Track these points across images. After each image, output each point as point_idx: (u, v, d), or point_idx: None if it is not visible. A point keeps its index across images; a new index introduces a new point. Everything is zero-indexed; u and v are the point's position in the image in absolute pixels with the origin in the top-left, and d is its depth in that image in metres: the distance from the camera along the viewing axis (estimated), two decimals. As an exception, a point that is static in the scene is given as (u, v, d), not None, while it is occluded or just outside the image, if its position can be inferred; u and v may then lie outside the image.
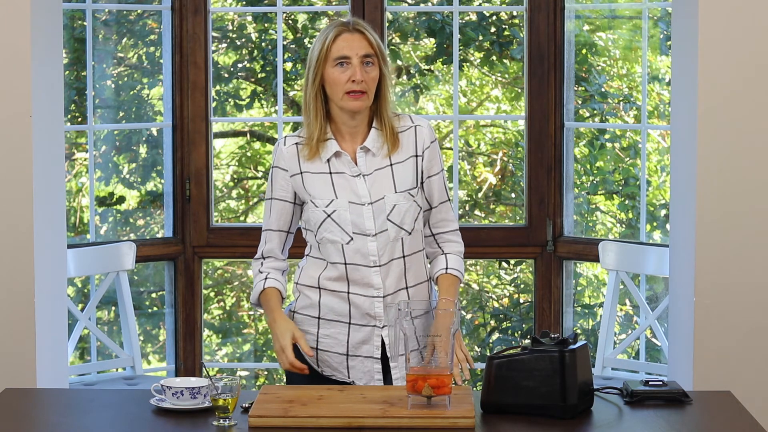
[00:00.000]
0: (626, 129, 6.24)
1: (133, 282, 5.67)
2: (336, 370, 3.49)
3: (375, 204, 3.44)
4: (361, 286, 3.45)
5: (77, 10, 5.55)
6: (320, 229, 3.45)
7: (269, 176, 3.54)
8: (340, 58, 3.41)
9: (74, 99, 5.74)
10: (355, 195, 3.44)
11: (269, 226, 3.55)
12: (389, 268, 3.46)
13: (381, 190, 3.45)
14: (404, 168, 3.48)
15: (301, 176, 3.48)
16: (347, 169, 3.46)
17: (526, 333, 6.83)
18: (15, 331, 4.14)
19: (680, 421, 3.14)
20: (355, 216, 3.43)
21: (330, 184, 3.45)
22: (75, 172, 6.27)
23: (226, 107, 6.88)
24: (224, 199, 7.26)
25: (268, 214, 3.55)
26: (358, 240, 3.43)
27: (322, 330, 3.49)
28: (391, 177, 3.46)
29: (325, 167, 3.47)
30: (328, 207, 3.44)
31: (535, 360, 3.12)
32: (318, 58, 3.43)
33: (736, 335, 4.06)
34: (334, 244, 3.44)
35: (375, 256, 3.44)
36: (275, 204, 3.53)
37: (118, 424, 3.14)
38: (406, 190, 3.47)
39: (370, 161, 3.47)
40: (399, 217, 3.45)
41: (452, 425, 3.02)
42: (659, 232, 6.06)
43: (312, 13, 6.89)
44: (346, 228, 3.43)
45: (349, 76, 3.40)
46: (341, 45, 3.42)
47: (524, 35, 5.34)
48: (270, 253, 3.55)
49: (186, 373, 5.34)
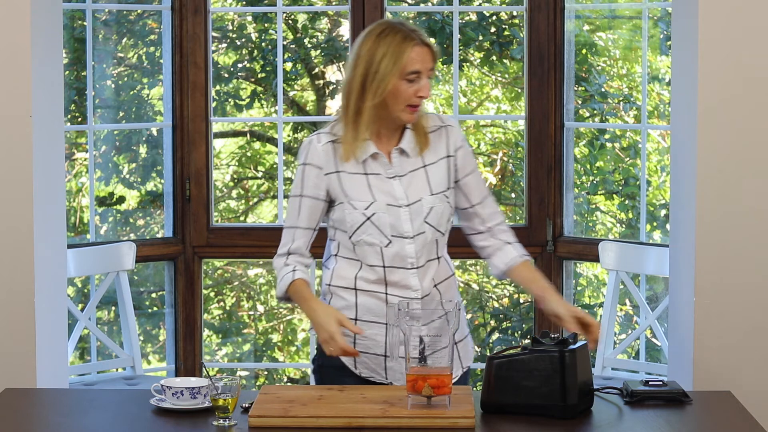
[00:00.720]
0: (626, 129, 6.24)
1: (133, 282, 5.67)
2: (374, 372, 3.45)
3: (412, 206, 3.41)
4: (399, 288, 3.42)
5: (77, 10, 5.55)
6: (358, 231, 3.41)
7: (298, 172, 3.46)
8: (413, 72, 3.35)
9: (74, 99, 5.74)
10: (392, 197, 3.41)
11: (297, 224, 3.47)
12: (426, 270, 3.44)
13: (417, 192, 3.42)
14: (438, 169, 3.45)
15: (337, 175, 3.42)
16: (383, 171, 3.42)
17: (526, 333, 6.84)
18: (15, 331, 4.14)
19: (680, 421, 3.14)
20: (393, 218, 3.40)
21: (367, 186, 3.41)
22: (75, 172, 6.28)
23: (226, 107, 6.88)
24: (224, 199, 7.26)
25: (296, 212, 3.46)
26: (396, 243, 3.40)
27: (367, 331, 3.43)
28: (426, 179, 3.44)
29: (361, 168, 3.42)
30: (367, 209, 3.39)
31: (535, 360, 3.12)
32: (389, 70, 3.35)
33: (736, 335, 4.06)
34: (372, 246, 3.40)
35: (413, 258, 3.41)
36: (306, 201, 3.45)
37: (118, 424, 3.14)
38: (441, 192, 3.44)
39: (404, 162, 3.44)
40: (436, 219, 3.43)
41: (452, 425, 3.02)
42: (659, 232, 6.06)
43: (312, 13, 6.89)
44: (385, 231, 3.40)
45: (416, 90, 3.36)
46: (414, 59, 3.35)
47: (524, 35, 5.34)
48: (297, 251, 3.48)
49: (186, 373, 5.34)
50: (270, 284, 7.43)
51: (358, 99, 3.38)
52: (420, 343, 3.19)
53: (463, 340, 3.54)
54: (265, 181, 7.39)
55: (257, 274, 7.43)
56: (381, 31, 3.38)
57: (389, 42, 3.36)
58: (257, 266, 7.39)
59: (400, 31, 3.37)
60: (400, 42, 3.36)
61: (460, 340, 3.52)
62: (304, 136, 7.16)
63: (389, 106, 3.37)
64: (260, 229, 5.63)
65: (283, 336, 7.41)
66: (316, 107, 7.18)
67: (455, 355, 3.49)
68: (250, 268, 7.39)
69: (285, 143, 7.11)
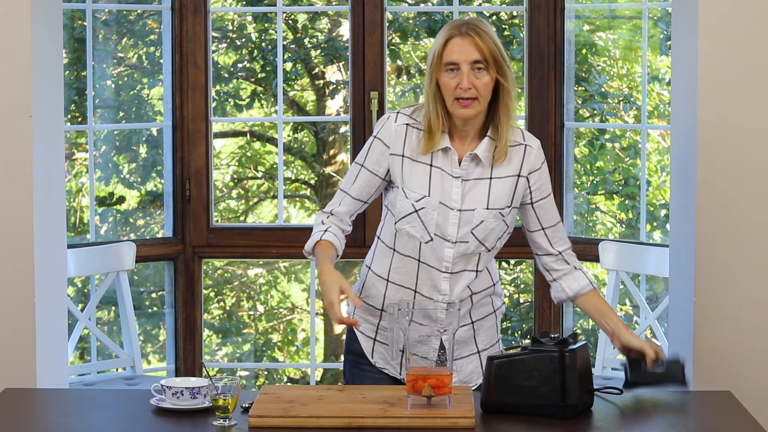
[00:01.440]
0: (626, 129, 6.24)
1: (133, 282, 5.68)
2: (389, 364, 3.45)
3: (463, 213, 3.37)
4: (428, 288, 3.40)
5: (77, 10, 5.55)
6: (403, 220, 3.38)
7: (367, 143, 3.43)
8: (450, 64, 3.32)
9: (74, 99, 5.74)
10: (447, 197, 3.36)
11: (349, 191, 3.43)
12: (459, 277, 3.41)
13: (473, 201, 3.37)
14: (503, 185, 3.39)
15: (402, 159, 3.39)
16: (449, 168, 3.38)
17: (526, 333, 6.84)
18: (15, 331, 4.14)
19: (680, 421, 3.14)
20: (441, 218, 3.36)
21: (427, 178, 3.37)
22: (75, 172, 6.28)
23: (226, 107, 6.88)
24: (224, 199, 7.26)
25: (352, 179, 3.42)
26: (437, 242, 3.37)
27: (382, 322, 3.44)
28: (487, 191, 3.38)
29: (427, 158, 3.38)
30: (418, 202, 3.36)
31: (535, 360, 3.12)
32: (432, 61, 3.34)
33: (736, 335, 4.06)
34: (413, 239, 3.38)
35: (449, 262, 3.39)
36: (363, 173, 3.42)
37: (118, 424, 3.14)
38: (497, 209, 3.38)
39: (473, 168, 3.38)
40: (483, 234, 3.38)
41: (452, 425, 3.02)
42: (659, 232, 6.06)
43: (312, 13, 6.89)
44: (430, 227, 3.37)
45: (457, 83, 3.31)
46: (451, 50, 3.32)
47: (524, 35, 5.34)
48: (338, 214, 3.44)
49: (186, 373, 5.34)
50: (270, 284, 7.43)
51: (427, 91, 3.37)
52: (440, 348, 3.20)
53: (489, 349, 3.52)
54: (265, 181, 7.39)
55: (257, 274, 7.43)
56: (443, 28, 3.38)
57: (438, 36, 3.36)
58: (257, 266, 7.39)
59: (453, 23, 3.36)
60: (444, 32, 3.35)
61: (485, 349, 3.51)
62: (304, 136, 7.17)
63: (446, 100, 3.35)
64: (260, 229, 5.63)
65: (283, 336, 7.41)
66: (316, 107, 7.18)
67: (478, 363, 3.50)
68: (250, 268, 7.39)
69: (285, 143, 7.11)
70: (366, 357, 3.48)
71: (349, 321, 3.28)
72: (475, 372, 3.50)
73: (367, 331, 3.47)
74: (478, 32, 3.31)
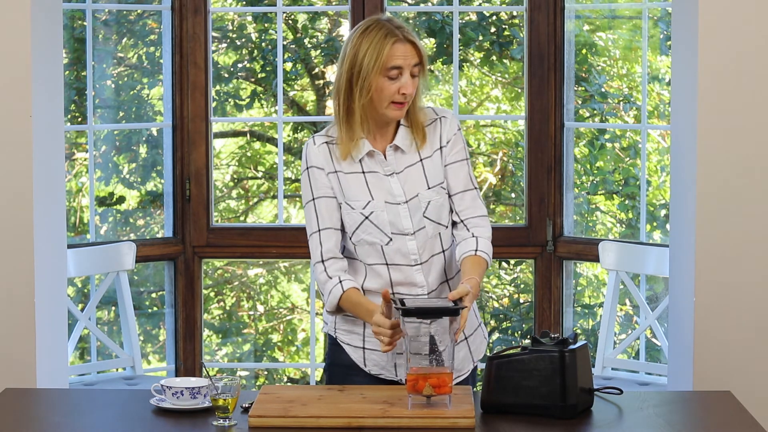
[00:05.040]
0: (626, 129, 6.24)
1: (133, 282, 5.67)
2: (384, 369, 3.44)
3: (410, 202, 3.39)
4: (404, 286, 3.40)
5: (77, 10, 5.55)
6: (357, 231, 3.39)
7: (304, 179, 3.42)
8: (393, 68, 3.32)
9: (74, 99, 5.74)
10: (390, 194, 3.39)
11: (322, 226, 3.40)
12: (431, 265, 3.42)
13: (414, 188, 3.40)
14: (432, 162, 3.43)
15: (336, 175, 3.40)
16: (380, 168, 3.41)
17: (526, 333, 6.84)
18: (15, 331, 4.14)
19: (680, 421, 3.14)
20: (393, 216, 3.38)
21: (365, 184, 3.39)
22: (75, 172, 6.27)
23: (226, 107, 6.88)
24: (224, 199, 7.26)
25: (314, 217, 3.40)
26: (397, 240, 3.39)
27: (368, 329, 3.42)
28: (423, 173, 3.42)
29: (358, 167, 3.40)
30: (365, 209, 3.38)
31: (535, 360, 3.12)
32: (371, 67, 3.31)
33: (736, 335, 4.06)
34: (373, 245, 3.39)
35: (416, 254, 3.40)
36: (322, 202, 3.40)
37: (118, 424, 3.14)
38: (437, 185, 3.42)
39: (399, 159, 3.42)
40: (435, 213, 3.41)
41: (452, 425, 3.02)
42: (659, 232, 6.06)
43: (312, 13, 6.89)
44: (385, 229, 3.38)
45: (398, 87, 3.33)
46: (395, 55, 3.32)
47: (524, 35, 5.34)
48: (330, 254, 3.40)
49: (186, 373, 5.34)
50: (270, 284, 7.43)
51: (347, 98, 3.37)
52: (431, 342, 3.17)
53: (473, 335, 3.53)
54: (265, 181, 7.39)
55: (257, 274, 7.43)
56: (366, 28, 3.36)
57: (371, 38, 3.33)
58: (257, 266, 7.39)
59: (384, 27, 3.34)
60: (381, 38, 3.33)
61: (470, 335, 3.52)
62: (304, 136, 7.16)
63: (375, 103, 3.35)
64: (260, 229, 5.63)
65: (283, 336, 7.41)
66: (316, 107, 7.18)
67: (467, 350, 3.49)
68: (250, 268, 7.39)
69: (285, 143, 7.11)
70: (357, 367, 3.46)
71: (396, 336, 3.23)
72: (466, 358, 3.50)
73: (355, 341, 3.46)
74: (414, 36, 3.36)
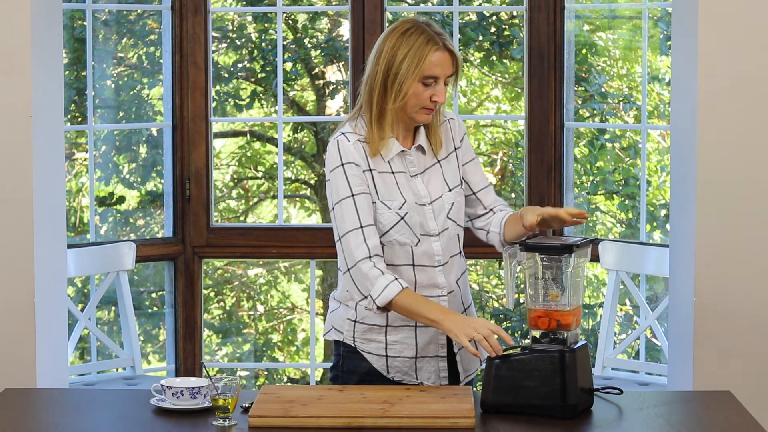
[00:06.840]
0: (626, 129, 6.25)
1: (133, 282, 5.68)
2: (406, 374, 3.43)
3: (435, 203, 3.40)
4: (426, 288, 3.40)
5: (77, 10, 5.55)
6: (391, 231, 3.36)
7: (338, 175, 3.33)
8: (430, 77, 3.31)
9: (74, 99, 5.74)
10: (417, 196, 3.39)
11: (365, 222, 3.31)
12: (451, 266, 3.44)
13: (437, 189, 3.42)
14: (450, 164, 3.46)
15: (371, 173, 3.37)
16: (406, 169, 3.40)
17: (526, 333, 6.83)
18: (15, 331, 4.14)
19: (680, 421, 3.14)
20: (421, 217, 3.38)
21: (395, 185, 3.38)
22: (75, 172, 6.28)
23: (226, 107, 6.89)
24: (224, 199, 7.26)
25: (354, 212, 3.30)
26: (424, 241, 3.39)
27: (390, 337, 3.40)
28: (442, 175, 3.44)
29: (387, 167, 3.38)
30: (401, 209, 3.36)
31: (535, 360, 3.12)
32: (410, 72, 3.30)
33: (736, 335, 4.06)
34: (403, 246, 3.38)
35: (440, 255, 3.40)
36: (362, 198, 3.33)
37: (118, 424, 3.14)
38: (457, 186, 3.45)
39: (421, 160, 3.43)
40: (456, 214, 3.44)
41: (452, 425, 3.02)
42: (659, 232, 6.06)
43: (312, 13, 6.89)
44: (415, 230, 3.38)
45: (431, 94, 3.32)
46: (434, 64, 3.31)
47: (524, 35, 5.34)
48: (377, 251, 3.31)
49: (186, 373, 5.34)
50: (270, 284, 7.43)
51: (380, 99, 3.34)
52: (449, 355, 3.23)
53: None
54: (265, 181, 7.39)
55: (257, 274, 7.43)
56: (406, 30, 3.35)
57: (412, 42, 3.33)
58: (257, 266, 7.39)
59: (425, 33, 3.34)
60: (422, 44, 3.32)
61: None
62: (304, 136, 7.17)
63: (406, 106, 3.35)
64: (260, 229, 5.63)
65: (283, 336, 7.41)
66: (316, 107, 7.18)
67: None
68: (250, 268, 7.39)
69: (285, 143, 7.11)
70: (376, 373, 3.42)
71: None
72: (474, 358, 3.51)
73: (377, 350, 3.42)
74: (451, 44, 3.36)
